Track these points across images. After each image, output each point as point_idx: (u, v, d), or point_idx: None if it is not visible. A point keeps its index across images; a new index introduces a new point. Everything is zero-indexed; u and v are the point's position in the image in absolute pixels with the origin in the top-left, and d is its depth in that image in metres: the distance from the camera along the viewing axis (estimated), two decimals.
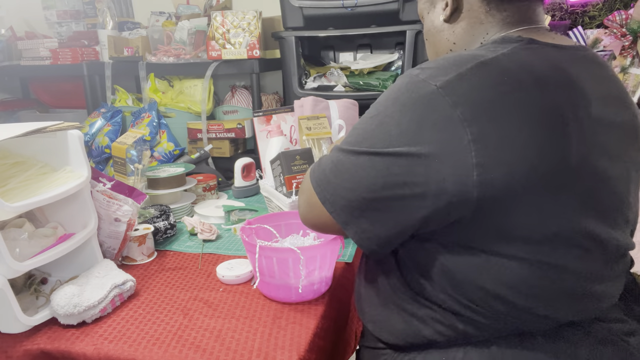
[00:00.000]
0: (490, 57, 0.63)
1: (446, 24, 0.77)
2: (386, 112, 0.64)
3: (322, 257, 0.89)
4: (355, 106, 1.54)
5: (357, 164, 0.66)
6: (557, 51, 0.67)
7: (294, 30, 1.99)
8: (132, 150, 1.48)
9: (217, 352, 0.77)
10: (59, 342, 0.81)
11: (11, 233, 0.88)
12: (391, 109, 0.64)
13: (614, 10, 1.66)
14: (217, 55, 2.06)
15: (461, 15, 0.74)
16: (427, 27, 0.82)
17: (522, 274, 0.63)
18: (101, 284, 0.90)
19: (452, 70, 0.62)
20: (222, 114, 2.28)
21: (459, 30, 0.75)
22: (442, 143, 0.59)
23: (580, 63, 0.68)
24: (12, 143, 0.97)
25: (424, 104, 0.61)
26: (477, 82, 0.60)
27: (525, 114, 0.59)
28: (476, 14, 0.73)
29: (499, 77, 0.61)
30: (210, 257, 1.13)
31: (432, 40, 0.81)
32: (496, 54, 0.64)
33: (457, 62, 0.63)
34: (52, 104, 2.68)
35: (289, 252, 0.86)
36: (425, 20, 0.81)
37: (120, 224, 1.04)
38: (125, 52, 2.21)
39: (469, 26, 0.74)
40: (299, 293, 0.89)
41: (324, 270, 0.91)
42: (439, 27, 0.78)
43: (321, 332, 0.85)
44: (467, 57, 0.63)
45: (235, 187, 1.57)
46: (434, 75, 0.62)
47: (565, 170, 0.60)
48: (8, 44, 2.46)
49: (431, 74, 0.62)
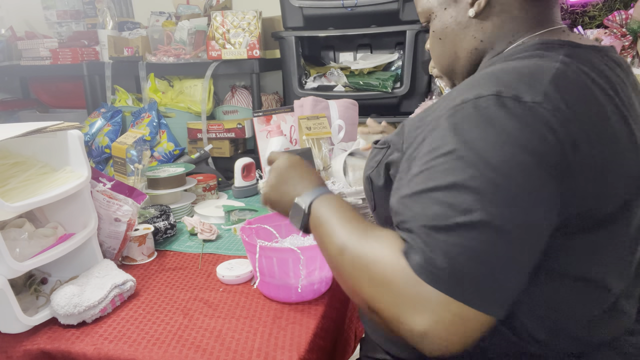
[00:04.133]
0: (557, 66, 0.59)
1: (473, 20, 0.70)
2: (504, 156, 0.52)
3: (322, 257, 0.89)
4: (355, 106, 1.54)
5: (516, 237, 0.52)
6: (596, 55, 0.64)
7: (294, 30, 1.99)
8: (132, 150, 1.48)
9: (217, 352, 0.77)
10: (59, 342, 0.81)
11: (11, 233, 0.88)
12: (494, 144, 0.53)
13: (614, 10, 1.66)
14: (217, 55, 2.06)
15: (493, 9, 0.68)
16: (443, 25, 0.74)
17: (570, 292, 0.61)
18: (101, 284, 0.90)
19: (537, 84, 0.56)
20: (222, 114, 2.28)
21: (488, 26, 0.70)
22: (558, 168, 0.54)
23: (613, 66, 0.66)
24: (12, 143, 0.97)
25: (531, 126, 0.53)
26: (566, 94, 0.56)
27: (608, 120, 0.58)
28: (509, 9, 0.68)
29: (579, 88, 0.58)
30: (210, 257, 1.13)
31: (452, 38, 0.73)
32: (557, 62, 0.60)
33: (533, 75, 0.57)
34: (52, 104, 2.68)
35: (289, 252, 0.86)
36: (440, 17, 0.74)
37: (120, 224, 1.04)
38: (125, 52, 2.21)
39: (500, 22, 0.69)
40: (299, 293, 0.89)
41: (324, 270, 0.91)
42: (463, 24, 0.71)
43: (321, 332, 0.85)
44: (537, 69, 0.59)
45: (235, 187, 1.57)
46: (523, 92, 0.55)
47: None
48: (8, 44, 2.46)
49: (518, 92, 0.55)
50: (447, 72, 0.78)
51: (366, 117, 2.01)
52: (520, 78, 0.57)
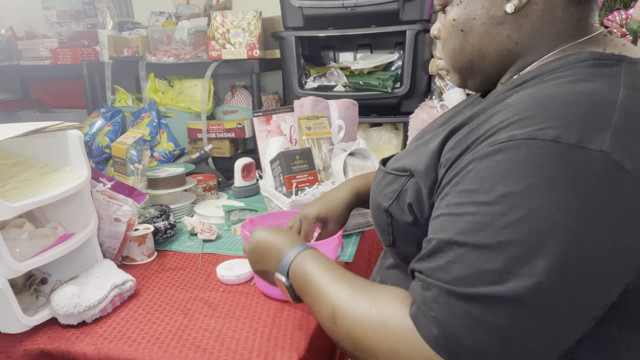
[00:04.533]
0: (621, 96, 0.50)
1: (510, 16, 0.59)
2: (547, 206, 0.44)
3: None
4: (355, 106, 1.54)
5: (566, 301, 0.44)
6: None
7: (294, 30, 1.99)
8: (132, 150, 1.48)
9: (217, 352, 0.77)
10: (59, 342, 0.81)
11: (11, 233, 0.88)
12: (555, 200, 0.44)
13: (614, 10, 1.66)
14: (217, 55, 2.06)
15: (534, 7, 0.58)
16: (468, 16, 0.61)
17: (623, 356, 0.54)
18: (101, 284, 0.90)
19: (601, 123, 0.47)
20: (222, 114, 2.28)
21: (527, 27, 0.59)
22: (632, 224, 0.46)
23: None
24: (12, 143, 0.97)
25: (602, 180, 0.45)
26: (636, 138, 0.47)
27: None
28: (552, 8, 0.58)
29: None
30: (210, 257, 1.13)
31: (479, 34, 0.62)
32: (619, 88, 0.51)
33: (595, 111, 0.48)
34: (52, 104, 2.68)
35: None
36: (466, 5, 0.62)
37: (120, 224, 1.04)
38: (125, 52, 2.21)
39: (541, 24, 0.59)
40: None
41: None
42: (497, 19, 0.60)
43: (321, 332, 0.85)
44: (600, 101, 0.49)
45: (235, 187, 1.57)
46: (586, 136, 0.46)
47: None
48: (8, 44, 2.46)
49: (580, 134, 0.46)
50: (462, 69, 0.66)
51: (366, 117, 2.02)
52: (580, 113, 0.48)
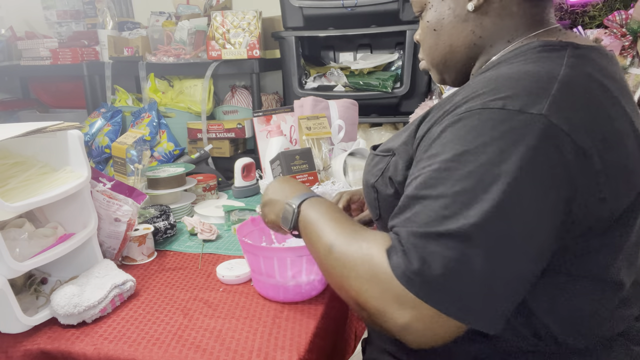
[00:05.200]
0: (562, 73, 0.58)
1: (472, 14, 0.69)
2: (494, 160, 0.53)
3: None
4: (355, 106, 1.54)
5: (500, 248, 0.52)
6: (596, 54, 0.64)
7: (294, 30, 1.99)
8: (132, 150, 1.48)
9: (217, 352, 0.77)
10: (59, 342, 0.81)
11: (11, 233, 0.88)
12: (502, 156, 0.52)
13: (614, 10, 1.66)
14: (217, 55, 2.06)
15: (493, 5, 0.68)
16: (438, 16, 0.72)
17: (591, 294, 0.61)
18: (101, 284, 0.90)
19: (541, 94, 0.55)
20: (222, 114, 2.28)
21: (488, 22, 0.69)
22: (575, 179, 0.54)
23: (610, 64, 0.65)
24: (12, 143, 0.97)
25: (541, 140, 0.53)
26: (573, 104, 0.55)
27: (617, 129, 0.58)
28: (508, 6, 0.67)
29: (585, 95, 0.57)
30: (210, 257, 1.13)
31: (448, 31, 0.72)
32: (561, 67, 0.59)
33: (538, 84, 0.56)
34: (52, 104, 2.68)
35: (288, 251, 0.86)
36: (436, 7, 0.72)
37: (120, 224, 1.04)
38: (125, 52, 2.21)
39: (500, 19, 0.68)
40: (300, 292, 0.89)
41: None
42: (462, 17, 0.70)
43: (321, 332, 0.85)
44: (541, 77, 0.58)
45: (235, 187, 1.57)
46: (528, 104, 0.54)
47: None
48: (8, 44, 2.46)
49: (523, 102, 0.54)
50: (438, 65, 0.77)
51: (366, 117, 2.02)
52: (525, 86, 0.56)
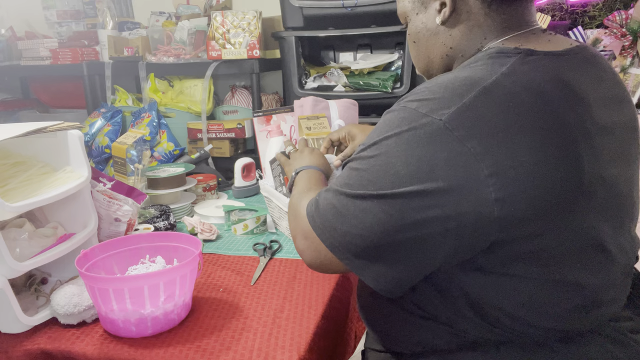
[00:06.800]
0: (490, 80, 0.59)
1: (442, 27, 0.72)
2: (389, 151, 0.60)
3: (181, 278, 0.82)
4: (355, 106, 1.54)
5: (364, 209, 0.61)
6: (555, 60, 0.64)
7: (294, 30, 1.99)
8: (132, 150, 1.48)
9: (217, 352, 0.77)
10: (59, 342, 0.81)
11: (11, 233, 0.88)
12: (395, 149, 0.60)
13: (614, 10, 1.66)
14: (217, 55, 2.06)
15: (459, 17, 0.70)
16: (415, 30, 0.76)
17: (538, 293, 0.62)
18: None
19: (454, 100, 0.58)
20: (222, 114, 2.28)
21: (456, 34, 0.71)
22: (458, 179, 0.56)
23: (578, 68, 0.66)
24: (12, 143, 0.97)
25: (432, 141, 0.57)
26: (483, 112, 0.57)
27: (536, 139, 0.57)
28: (475, 17, 0.69)
29: (505, 104, 0.58)
30: (210, 257, 1.13)
31: (424, 44, 0.75)
32: (496, 75, 0.60)
33: (457, 91, 0.59)
34: (52, 104, 2.68)
35: (144, 278, 0.78)
36: (413, 21, 0.76)
37: (120, 224, 1.04)
38: (125, 52, 2.21)
39: (468, 30, 0.70)
40: (159, 322, 0.81)
41: (184, 292, 0.83)
42: (433, 30, 0.73)
43: (321, 332, 0.85)
44: (467, 84, 0.60)
45: (235, 187, 1.57)
46: (435, 109, 0.58)
47: (579, 189, 0.59)
48: (8, 44, 2.46)
49: (432, 107, 0.59)
50: (424, 73, 0.81)
51: (366, 117, 2.02)
52: (447, 92, 0.60)
